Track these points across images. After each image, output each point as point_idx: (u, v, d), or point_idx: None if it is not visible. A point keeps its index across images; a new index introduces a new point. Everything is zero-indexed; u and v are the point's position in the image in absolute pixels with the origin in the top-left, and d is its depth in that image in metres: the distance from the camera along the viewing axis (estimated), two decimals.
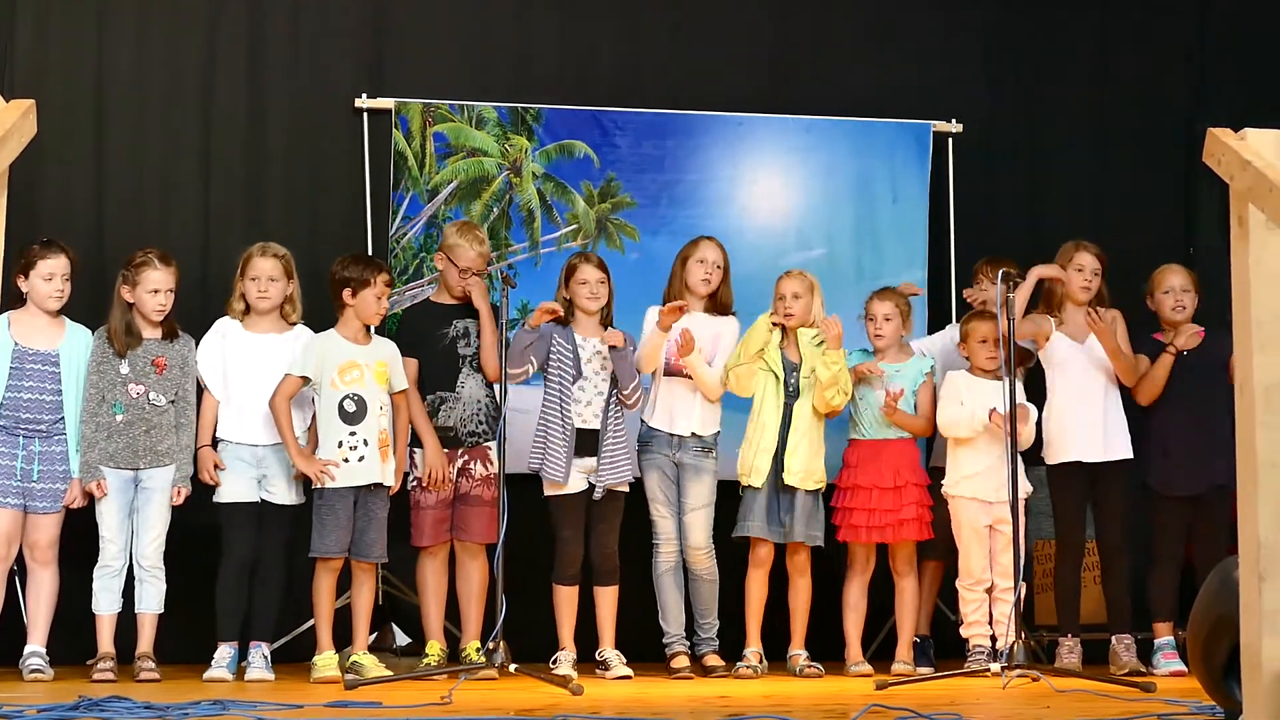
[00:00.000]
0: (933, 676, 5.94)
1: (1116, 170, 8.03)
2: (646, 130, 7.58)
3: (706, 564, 6.42)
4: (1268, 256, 2.81)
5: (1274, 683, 2.72)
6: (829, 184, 7.73)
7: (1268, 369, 2.79)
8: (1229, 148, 2.89)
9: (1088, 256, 6.56)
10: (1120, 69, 8.10)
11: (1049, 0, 8.12)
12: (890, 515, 6.40)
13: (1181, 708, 4.25)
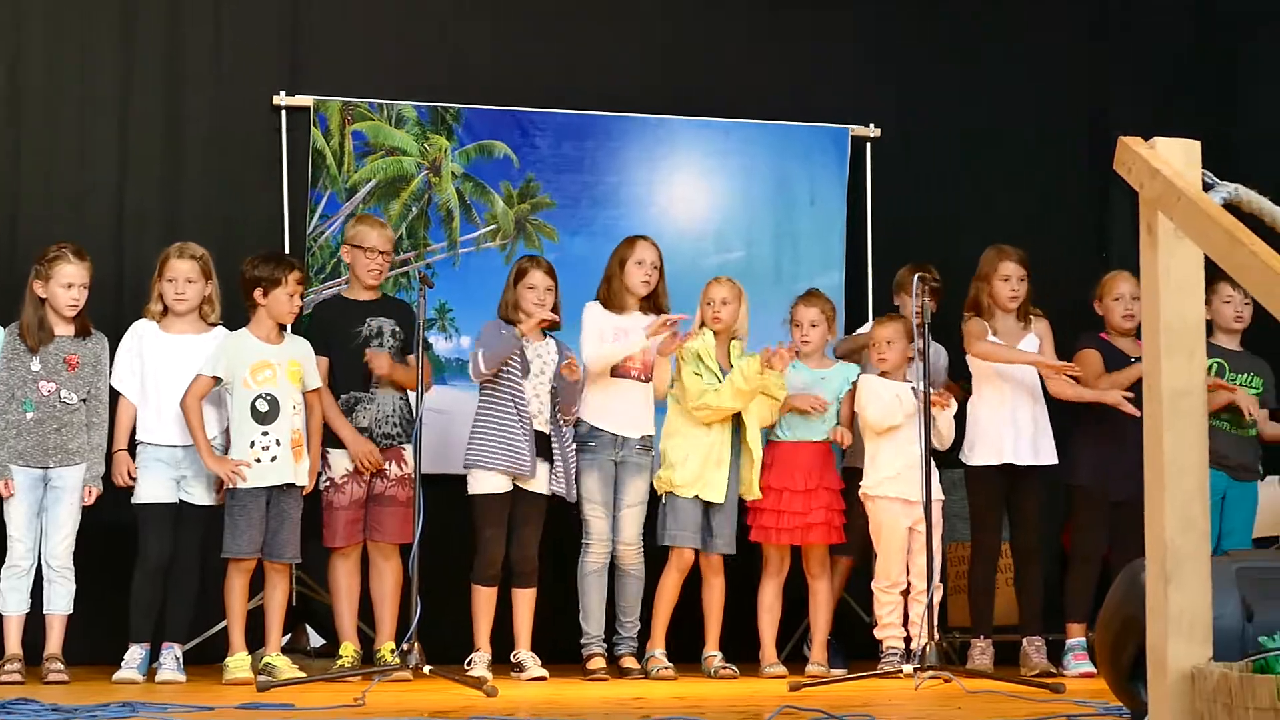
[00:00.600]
0: (846, 678, 5.98)
1: (1032, 175, 8.12)
2: (566, 131, 7.58)
3: (636, 560, 6.44)
4: (1176, 264, 2.84)
5: (1179, 683, 2.75)
6: (748, 187, 7.77)
7: (1175, 374, 2.82)
8: (1139, 156, 2.92)
9: (1012, 265, 6.60)
10: (1036, 75, 8.17)
11: (966, 7, 8.19)
12: (801, 518, 6.44)
13: (1089, 709, 4.30)
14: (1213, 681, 2.66)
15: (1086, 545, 6.56)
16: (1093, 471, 6.49)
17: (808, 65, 7.99)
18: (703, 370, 6.39)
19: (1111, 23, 8.32)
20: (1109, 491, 6.39)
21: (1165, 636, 2.77)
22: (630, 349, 6.38)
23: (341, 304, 6.50)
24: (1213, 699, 2.65)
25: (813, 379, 6.58)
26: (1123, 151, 2.99)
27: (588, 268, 6.83)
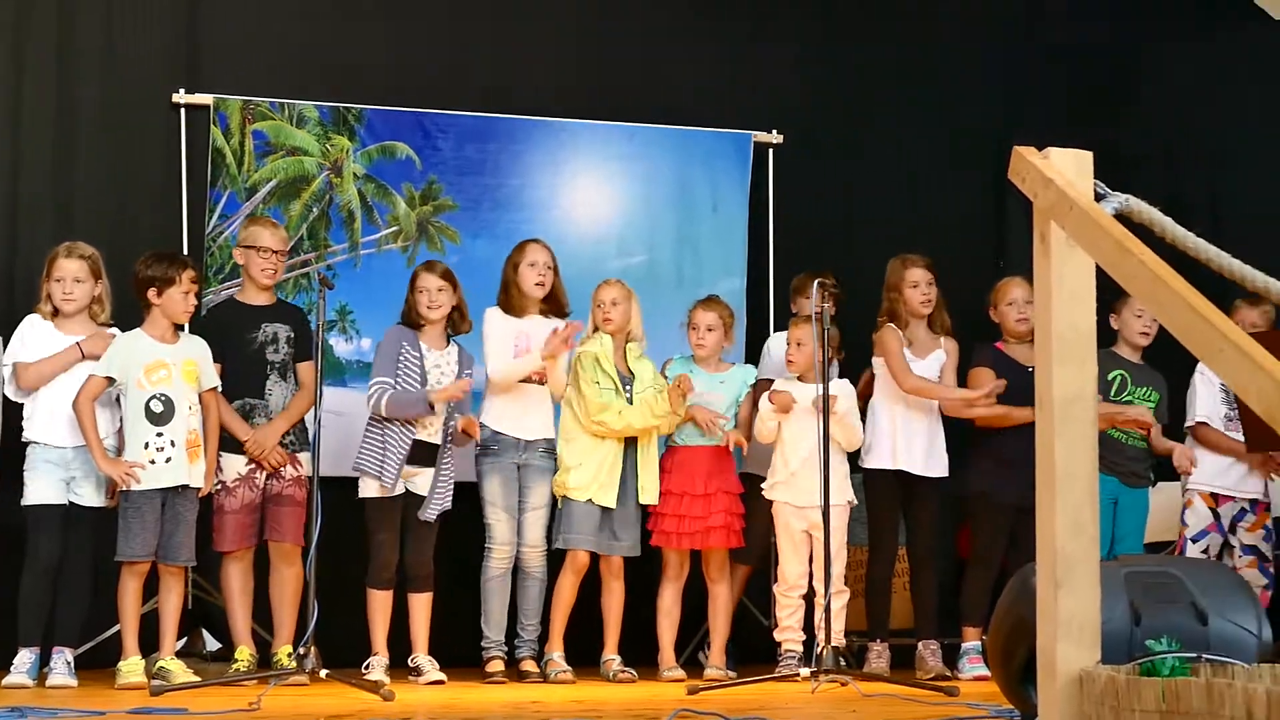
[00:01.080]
0: (743, 681, 5.99)
1: (932, 183, 8.19)
2: (469, 134, 7.55)
3: (539, 563, 6.44)
4: (1068, 273, 2.88)
5: (1067, 686, 2.79)
6: (651, 191, 7.78)
7: (1066, 382, 2.86)
8: (1032, 166, 2.96)
9: (919, 271, 6.66)
10: (937, 84, 8.26)
11: (869, 15, 8.26)
12: (700, 522, 6.46)
13: (982, 711, 4.35)
14: (1100, 684, 2.70)
15: (983, 550, 6.62)
16: (990, 476, 6.55)
17: (711, 71, 8.02)
18: (600, 377, 6.39)
19: (1013, 34, 8.42)
20: (1006, 496, 6.45)
21: (1055, 640, 2.80)
22: (533, 365, 6.37)
23: (235, 308, 6.43)
24: (1100, 701, 2.69)
25: (710, 383, 6.60)
26: (1017, 161, 3.03)
27: (490, 270, 6.80)
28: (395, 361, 6.22)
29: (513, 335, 6.46)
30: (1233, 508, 6.51)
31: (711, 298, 6.78)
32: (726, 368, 6.72)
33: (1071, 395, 2.85)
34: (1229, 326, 2.38)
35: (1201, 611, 3.25)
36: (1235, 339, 2.35)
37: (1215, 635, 3.23)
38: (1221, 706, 2.34)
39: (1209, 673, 2.87)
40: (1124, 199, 2.89)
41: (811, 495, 6.20)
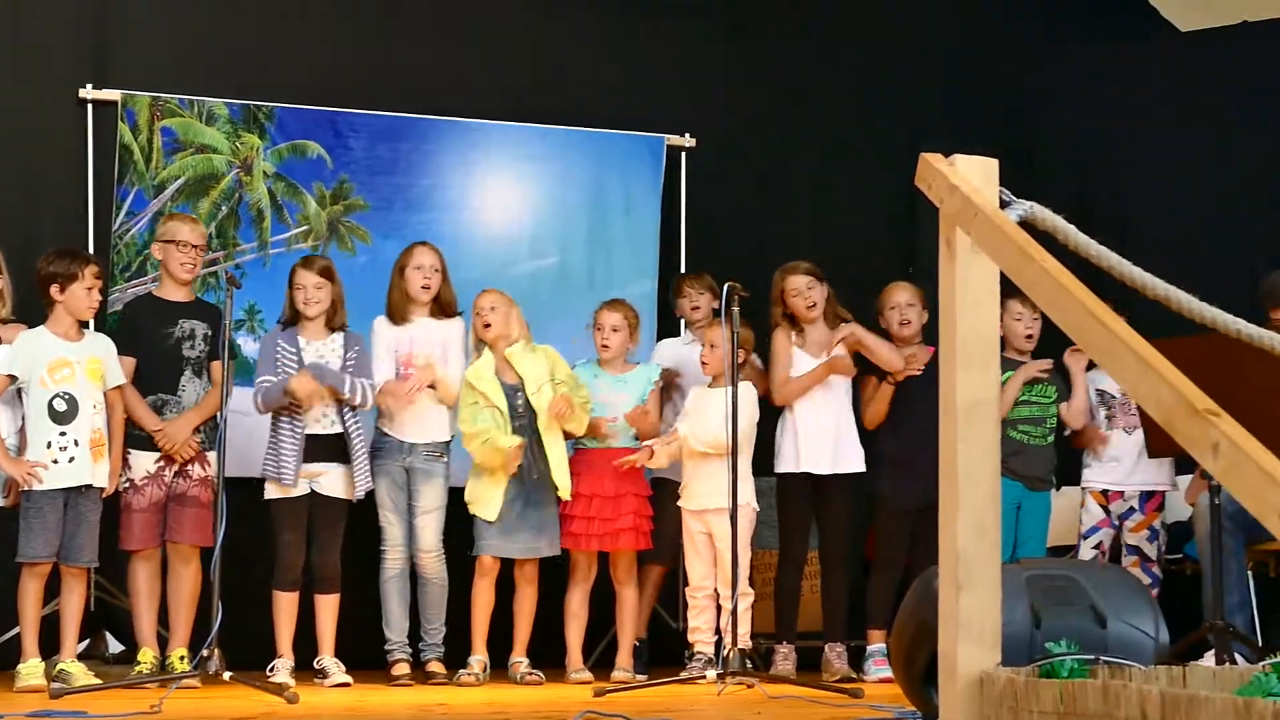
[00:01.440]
0: (651, 683, 6.00)
1: (844, 189, 8.25)
2: (381, 133, 7.51)
3: (436, 567, 6.40)
4: (973, 278, 2.91)
5: (968, 688, 2.81)
6: (563, 193, 7.77)
7: (970, 387, 2.89)
8: (939, 172, 2.98)
9: (797, 278, 6.70)
10: (848, 90, 8.32)
11: (782, 20, 8.30)
12: (609, 524, 6.47)
13: (885, 713, 4.38)
14: (1000, 685, 2.73)
15: (885, 552, 6.68)
16: (891, 479, 6.61)
17: (625, 73, 8.03)
18: (479, 399, 6.38)
19: (923, 41, 8.49)
20: (904, 499, 6.52)
21: (956, 641, 2.83)
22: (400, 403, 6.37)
23: (153, 304, 6.36)
24: (999, 703, 2.72)
25: (615, 384, 6.62)
26: (924, 168, 3.06)
27: None
28: (274, 361, 6.20)
29: (393, 342, 6.46)
30: (1122, 505, 6.62)
31: (616, 299, 6.79)
32: (631, 368, 6.73)
33: (975, 399, 2.88)
34: (1128, 333, 2.41)
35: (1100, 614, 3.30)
36: (1135, 346, 2.38)
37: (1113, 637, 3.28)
38: (1117, 708, 2.37)
39: (1106, 674, 2.91)
40: (1028, 206, 2.92)
41: (706, 499, 6.27)
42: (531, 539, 6.42)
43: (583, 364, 6.73)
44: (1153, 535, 6.63)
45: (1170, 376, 2.28)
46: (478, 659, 6.37)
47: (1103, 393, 6.73)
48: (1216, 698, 2.14)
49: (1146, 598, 3.46)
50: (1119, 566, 6.20)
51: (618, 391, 6.60)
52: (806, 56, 8.31)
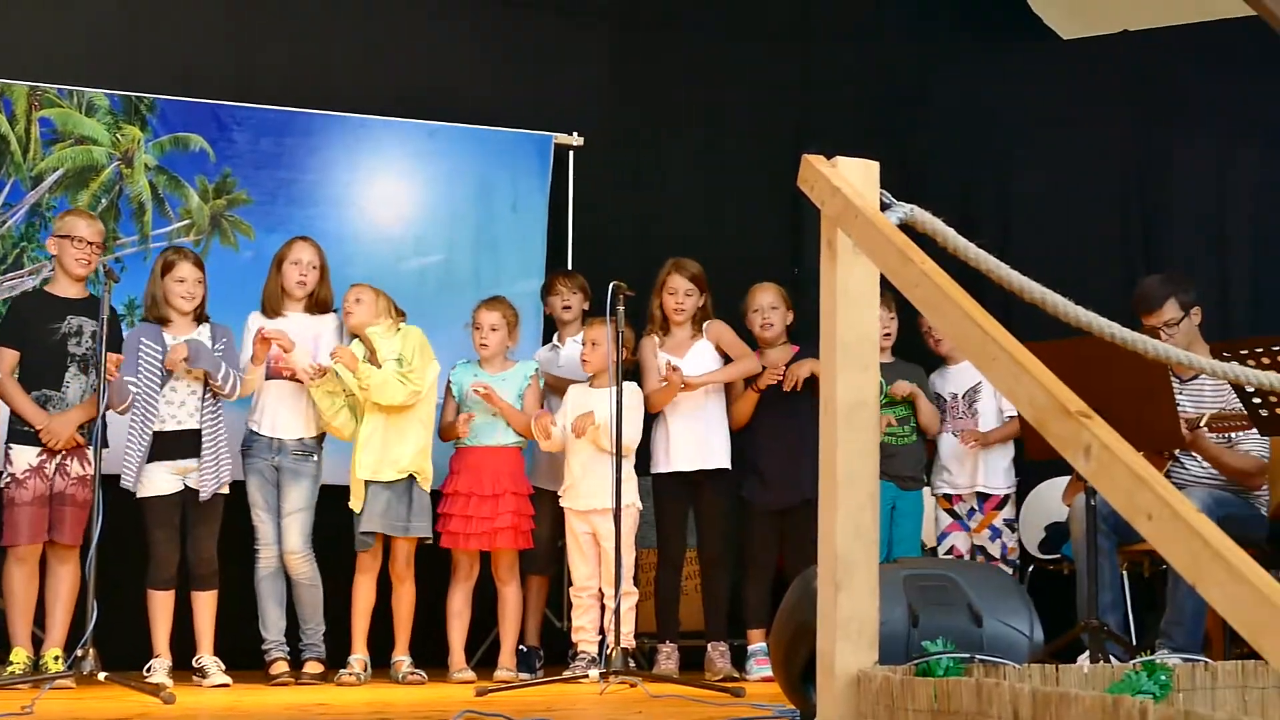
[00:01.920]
0: (533, 683, 5.99)
1: (731, 190, 8.29)
2: (265, 127, 7.44)
3: (304, 569, 6.35)
4: (853, 280, 2.92)
5: (845, 686, 2.83)
6: (450, 190, 7.74)
7: (850, 388, 2.90)
8: (820, 174, 3.00)
9: (677, 279, 6.73)
10: (736, 91, 8.36)
11: (671, 20, 8.33)
12: (487, 523, 6.46)
13: (765, 711, 4.40)
14: (876, 684, 2.75)
15: (757, 554, 6.72)
16: (751, 483, 6.67)
17: (513, 71, 8.02)
18: (337, 389, 6.38)
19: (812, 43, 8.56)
20: (769, 501, 6.58)
21: (834, 641, 2.84)
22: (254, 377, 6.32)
23: (43, 298, 6.25)
24: (876, 701, 2.74)
25: (494, 382, 6.61)
26: (806, 169, 3.07)
27: None
28: (135, 359, 6.10)
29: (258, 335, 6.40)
30: (964, 506, 6.72)
31: (494, 298, 6.78)
32: (510, 365, 6.72)
33: (855, 400, 2.90)
34: (1003, 335, 2.44)
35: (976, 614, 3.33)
36: (1009, 348, 2.41)
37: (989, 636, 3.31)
38: (990, 705, 2.39)
39: (981, 673, 2.94)
40: (909, 209, 2.94)
41: (591, 499, 6.29)
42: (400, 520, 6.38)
43: (463, 363, 6.71)
44: (994, 534, 6.72)
45: (1043, 379, 2.31)
46: (358, 658, 6.33)
47: (939, 396, 6.84)
48: (1086, 695, 2.17)
49: (1023, 597, 3.50)
50: (996, 567, 6.28)
51: (497, 389, 6.58)
52: (694, 56, 8.34)
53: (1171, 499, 2.02)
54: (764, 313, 6.75)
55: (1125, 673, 3.03)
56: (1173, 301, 5.87)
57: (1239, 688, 3.21)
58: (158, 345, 6.12)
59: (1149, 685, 2.99)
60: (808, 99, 8.50)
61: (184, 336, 6.19)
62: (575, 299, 7.03)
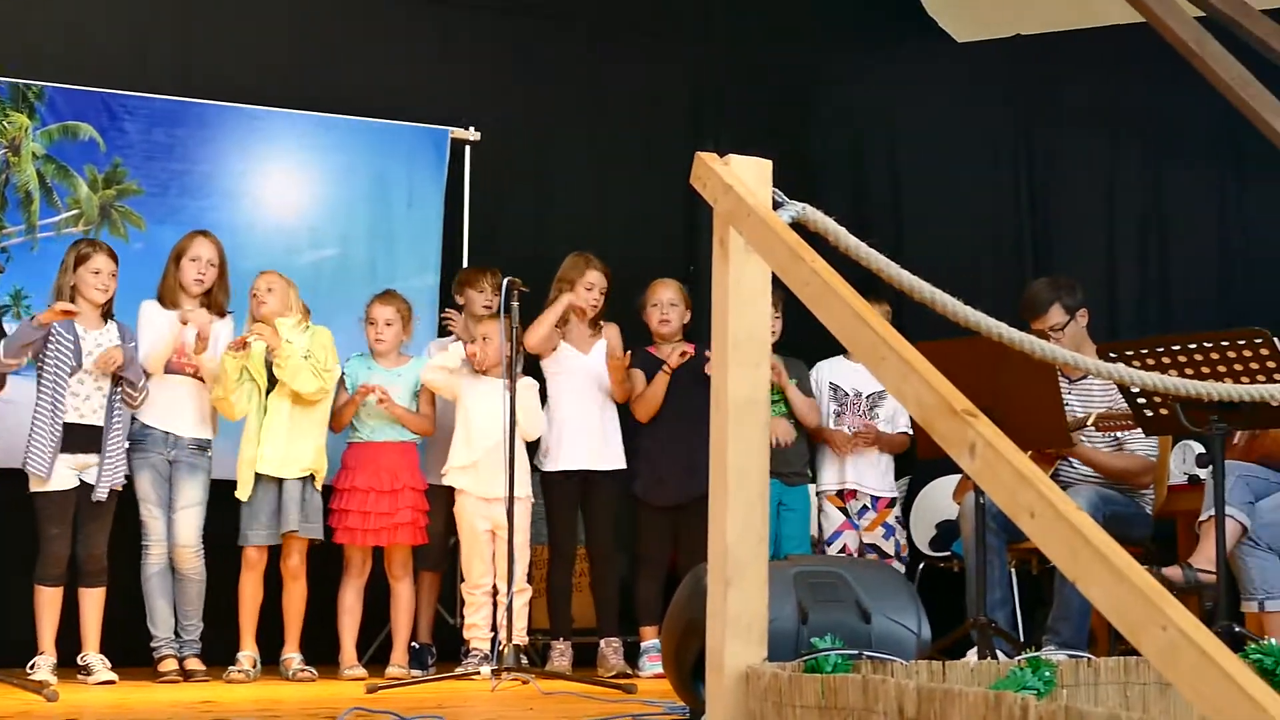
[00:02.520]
0: (424, 679, 5.96)
1: (627, 187, 8.29)
2: (158, 117, 7.34)
3: (195, 563, 6.28)
4: (746, 278, 2.94)
5: (734, 683, 2.84)
6: (346, 184, 7.68)
7: (741, 384, 2.92)
8: (713, 172, 3.01)
9: (596, 274, 6.73)
10: (633, 89, 8.36)
11: (569, 16, 8.32)
12: (385, 518, 6.42)
13: (656, 708, 4.40)
14: (765, 680, 2.76)
15: (649, 550, 6.72)
16: (645, 479, 6.68)
17: (410, 65, 7.97)
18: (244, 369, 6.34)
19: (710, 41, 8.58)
20: (662, 497, 6.60)
21: (723, 638, 2.85)
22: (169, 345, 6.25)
23: None
24: (764, 698, 2.75)
25: (389, 377, 6.58)
26: (699, 167, 3.08)
27: None
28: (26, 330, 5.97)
29: (167, 328, 6.31)
30: (856, 504, 6.77)
31: (388, 291, 6.74)
32: (405, 360, 6.69)
33: (746, 398, 2.91)
34: (891, 334, 2.46)
35: (865, 610, 3.35)
36: (897, 346, 2.43)
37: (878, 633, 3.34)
38: (875, 702, 2.41)
39: (869, 669, 2.97)
40: (801, 208, 2.96)
41: (496, 488, 6.23)
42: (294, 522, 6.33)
43: (357, 356, 6.67)
44: (888, 532, 6.79)
45: (930, 378, 2.33)
46: (247, 655, 6.27)
47: (836, 388, 6.88)
48: (969, 691, 2.19)
49: (911, 595, 3.54)
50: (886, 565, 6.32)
51: (390, 384, 6.55)
52: (592, 52, 8.34)
53: (1053, 497, 2.04)
54: (663, 308, 6.77)
55: (1010, 669, 3.06)
56: (1058, 306, 5.95)
57: (1121, 683, 3.26)
58: (69, 336, 6.01)
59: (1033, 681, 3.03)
60: (704, 96, 8.52)
61: (94, 330, 6.09)
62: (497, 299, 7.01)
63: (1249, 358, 4.57)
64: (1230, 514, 4.93)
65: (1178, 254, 7.81)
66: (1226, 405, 4.48)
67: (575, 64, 8.30)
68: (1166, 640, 1.82)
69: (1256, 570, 5.13)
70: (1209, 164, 7.79)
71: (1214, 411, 4.53)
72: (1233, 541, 5.05)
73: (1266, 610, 5.12)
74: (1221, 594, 4.61)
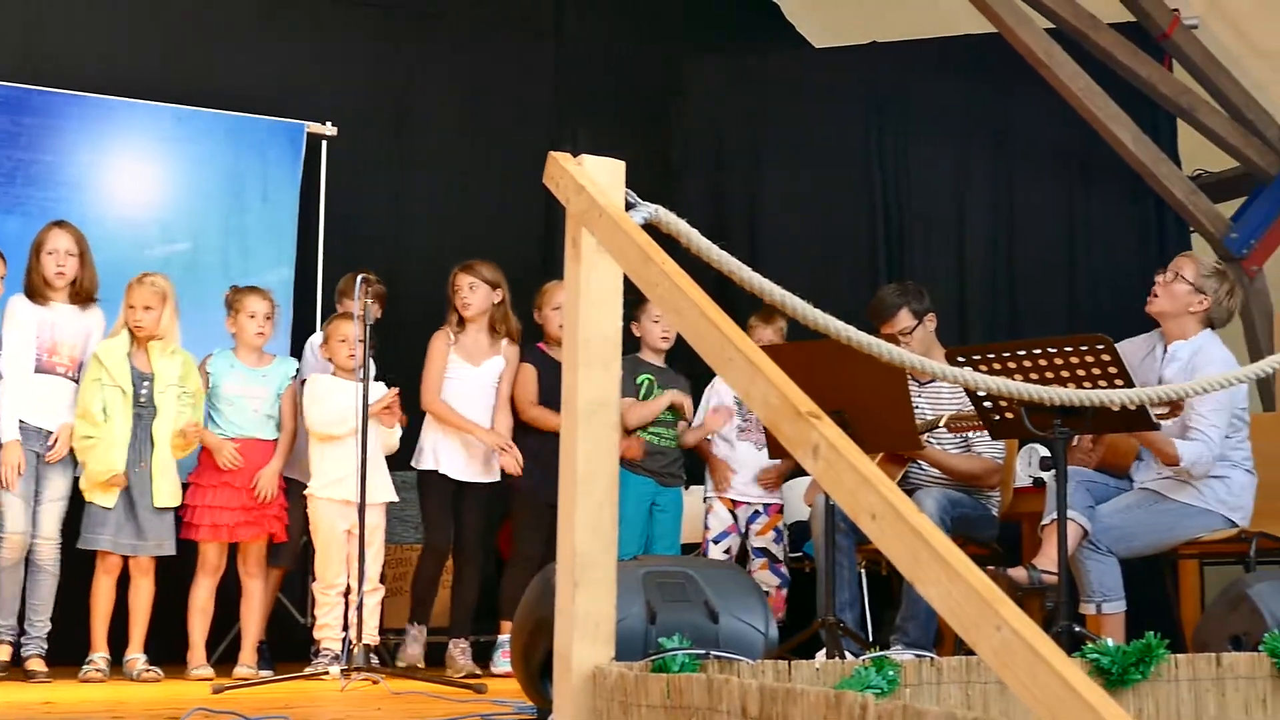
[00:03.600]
0: (271, 680, 5.89)
1: (486, 185, 8.27)
2: (3, 105, 7.20)
3: (52, 555, 6.18)
4: (596, 278, 2.94)
5: (581, 683, 2.85)
6: (199, 177, 7.57)
7: (591, 386, 2.92)
8: (566, 172, 3.01)
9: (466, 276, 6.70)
10: (492, 87, 8.35)
11: (426, 12, 8.28)
12: (240, 514, 6.35)
13: (506, 708, 4.39)
14: (611, 680, 2.77)
15: (524, 547, 6.69)
16: (529, 475, 6.66)
17: (266, 58, 7.89)
18: (104, 375, 6.20)
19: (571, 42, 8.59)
20: (544, 494, 6.58)
21: (571, 637, 2.86)
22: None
23: None
24: (610, 697, 2.76)
25: (253, 376, 6.50)
26: (552, 166, 3.08)
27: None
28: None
29: (34, 324, 6.19)
30: (747, 510, 6.81)
31: (256, 286, 6.65)
32: (270, 359, 6.61)
33: (596, 399, 2.92)
34: (739, 336, 2.48)
35: (713, 610, 3.37)
36: (744, 348, 2.45)
37: (725, 633, 3.36)
38: (719, 701, 2.43)
39: (716, 669, 2.99)
40: (653, 209, 2.97)
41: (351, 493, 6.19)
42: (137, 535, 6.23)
43: (219, 352, 6.57)
44: (778, 536, 6.84)
45: (776, 380, 2.35)
46: (101, 655, 6.16)
47: (741, 402, 6.91)
48: (811, 691, 2.21)
49: (758, 595, 3.56)
50: (733, 564, 6.37)
51: (255, 385, 6.48)
52: (451, 49, 8.31)
53: (894, 499, 2.07)
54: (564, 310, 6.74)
55: (856, 669, 3.10)
56: (905, 311, 6.05)
57: (963, 683, 3.31)
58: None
59: (877, 681, 3.07)
60: (564, 96, 8.53)
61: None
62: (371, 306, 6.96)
63: (1091, 363, 4.67)
64: (1072, 517, 5.03)
65: (1026, 260, 7.94)
66: (1069, 410, 4.57)
67: (435, 60, 8.27)
68: (1001, 640, 1.86)
69: (1095, 573, 5.25)
70: (1057, 172, 7.94)
71: (1057, 416, 4.62)
72: (1073, 544, 5.16)
73: (1104, 612, 5.24)
74: (1062, 595, 4.70)
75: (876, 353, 3.03)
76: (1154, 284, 5.56)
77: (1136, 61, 7.25)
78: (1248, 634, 3.73)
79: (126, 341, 6.24)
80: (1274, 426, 6.03)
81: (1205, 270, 5.50)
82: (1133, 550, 5.35)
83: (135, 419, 6.20)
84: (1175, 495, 5.35)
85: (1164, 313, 5.52)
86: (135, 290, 6.30)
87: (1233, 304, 5.56)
